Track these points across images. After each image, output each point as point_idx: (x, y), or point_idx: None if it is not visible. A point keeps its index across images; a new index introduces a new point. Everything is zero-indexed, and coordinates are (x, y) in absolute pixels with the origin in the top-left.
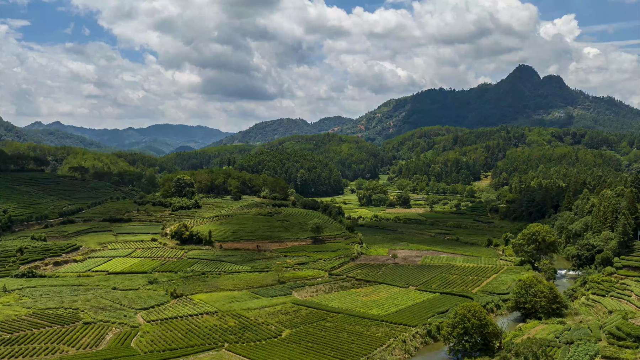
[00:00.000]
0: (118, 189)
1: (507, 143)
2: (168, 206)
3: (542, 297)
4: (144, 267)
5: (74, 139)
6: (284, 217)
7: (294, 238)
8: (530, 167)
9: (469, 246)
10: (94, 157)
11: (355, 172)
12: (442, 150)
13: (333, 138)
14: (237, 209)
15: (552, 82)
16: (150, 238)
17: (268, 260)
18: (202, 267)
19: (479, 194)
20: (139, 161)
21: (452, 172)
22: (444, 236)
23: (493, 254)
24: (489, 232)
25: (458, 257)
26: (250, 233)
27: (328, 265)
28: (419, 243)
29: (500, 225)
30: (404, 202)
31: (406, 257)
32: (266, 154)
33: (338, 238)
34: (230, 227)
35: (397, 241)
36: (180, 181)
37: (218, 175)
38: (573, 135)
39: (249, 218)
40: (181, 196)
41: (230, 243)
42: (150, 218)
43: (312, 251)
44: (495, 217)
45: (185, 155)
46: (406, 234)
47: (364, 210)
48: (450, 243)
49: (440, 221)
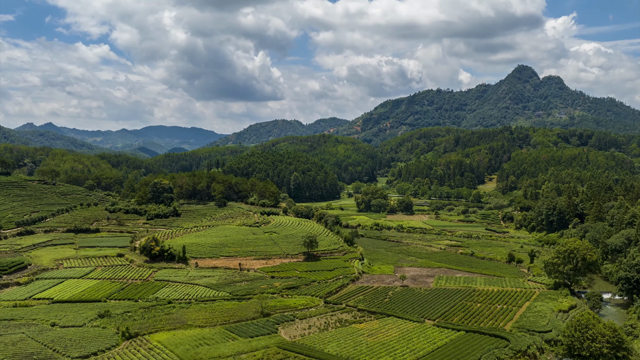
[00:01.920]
0: (92, 194)
1: (512, 144)
2: (142, 214)
3: (603, 341)
4: (98, 293)
5: (64, 140)
6: (272, 228)
7: (283, 254)
8: (539, 170)
9: (486, 262)
10: (73, 159)
11: (352, 175)
12: (443, 151)
13: (329, 139)
14: (220, 217)
15: (552, 83)
16: (116, 253)
17: (252, 283)
18: (169, 293)
19: (485, 199)
20: (123, 163)
21: (456, 175)
22: (455, 249)
23: (517, 272)
24: (504, 243)
25: (477, 278)
26: (232, 248)
27: (323, 290)
28: (428, 258)
29: (516, 235)
30: (406, 207)
31: (416, 277)
32: (257, 155)
33: (335, 253)
34: (209, 240)
35: (403, 255)
36: (157, 186)
37: (201, 179)
38: (579, 136)
39: (232, 229)
40: (158, 203)
41: (208, 260)
42: (121, 228)
43: (305, 270)
44: (510, 226)
45: (175, 157)
46: (412, 246)
47: (363, 217)
48: (465, 259)
49: (448, 230)
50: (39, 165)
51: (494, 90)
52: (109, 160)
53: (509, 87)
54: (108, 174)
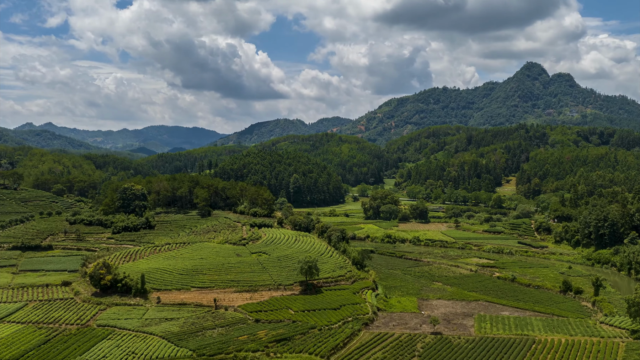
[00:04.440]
0: (60, 200)
1: (529, 143)
2: (108, 226)
3: None
4: (9, 349)
5: (62, 140)
6: (262, 247)
7: (274, 284)
8: (563, 171)
9: (535, 292)
10: (53, 160)
11: (357, 176)
12: (454, 151)
13: (332, 138)
14: (201, 231)
15: (562, 80)
16: (62, 280)
17: (228, 331)
18: (107, 352)
19: (508, 204)
20: (110, 164)
21: (473, 177)
22: (489, 271)
23: (578, 308)
24: (545, 261)
25: (532, 319)
26: (208, 275)
27: (326, 344)
28: (459, 285)
29: (558, 251)
30: (421, 214)
31: (449, 318)
32: (253, 155)
33: (342, 281)
34: (181, 263)
35: (426, 281)
36: (127, 192)
37: (182, 183)
38: (600, 134)
39: (211, 249)
40: (128, 212)
41: (175, 293)
42: (80, 244)
43: (302, 310)
44: (547, 239)
45: (168, 157)
46: (435, 267)
47: (372, 227)
48: (506, 286)
49: (474, 244)
50: (16, 167)
51: (502, 87)
52: (95, 161)
53: (518, 84)
54: (81, 177)
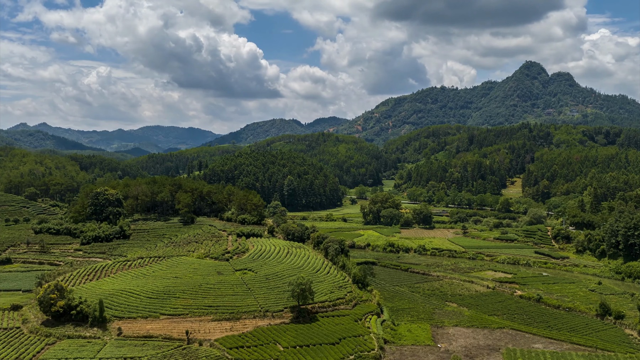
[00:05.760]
0: (32, 206)
1: (533, 143)
2: (77, 236)
3: None
4: None
5: (55, 140)
6: (249, 262)
7: (260, 310)
8: (572, 172)
9: (567, 316)
10: (35, 161)
11: (355, 178)
12: (455, 151)
13: (328, 138)
14: (181, 241)
15: (562, 80)
16: (11, 304)
17: None
18: None
19: (516, 207)
20: (96, 165)
21: (476, 178)
22: (510, 288)
23: (623, 337)
24: (568, 274)
25: (571, 354)
26: (182, 299)
27: None
28: (476, 306)
29: (581, 263)
30: (424, 219)
31: (472, 353)
32: (245, 156)
33: (341, 306)
34: (151, 283)
35: (438, 300)
36: (99, 197)
37: (162, 186)
38: (606, 134)
39: (189, 264)
40: (101, 220)
41: (142, 322)
42: (43, 257)
43: (292, 345)
44: (566, 248)
45: (159, 157)
46: (446, 282)
47: (372, 233)
48: (532, 308)
49: (486, 253)
50: None
51: (501, 87)
52: (80, 162)
53: (517, 83)
54: (58, 180)
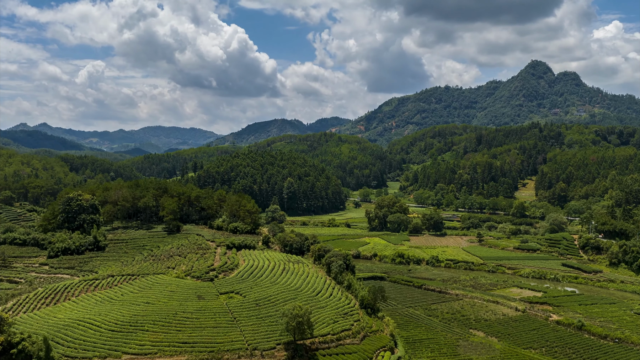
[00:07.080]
0: (7, 210)
1: (545, 143)
2: (45, 247)
3: None
4: None
5: (54, 140)
6: (236, 282)
7: (246, 349)
8: (589, 174)
9: (616, 347)
10: (21, 161)
11: (359, 179)
12: (463, 152)
13: (331, 138)
14: (163, 254)
15: (568, 79)
16: None
17: None
18: None
19: (532, 212)
20: (88, 166)
21: (488, 181)
22: (544, 312)
23: None
24: (603, 291)
25: None
26: (152, 333)
27: None
28: (508, 337)
29: (617, 278)
30: (435, 225)
31: None
32: (243, 156)
33: (346, 340)
34: (117, 311)
35: (460, 328)
36: (71, 203)
37: (145, 191)
38: (619, 134)
39: (165, 286)
40: (73, 228)
41: None
42: (3, 273)
43: None
44: (597, 260)
45: (156, 158)
46: (467, 302)
47: (378, 240)
48: (574, 338)
49: (507, 266)
50: None
51: (506, 86)
52: (71, 163)
53: (522, 83)
54: (37, 182)
